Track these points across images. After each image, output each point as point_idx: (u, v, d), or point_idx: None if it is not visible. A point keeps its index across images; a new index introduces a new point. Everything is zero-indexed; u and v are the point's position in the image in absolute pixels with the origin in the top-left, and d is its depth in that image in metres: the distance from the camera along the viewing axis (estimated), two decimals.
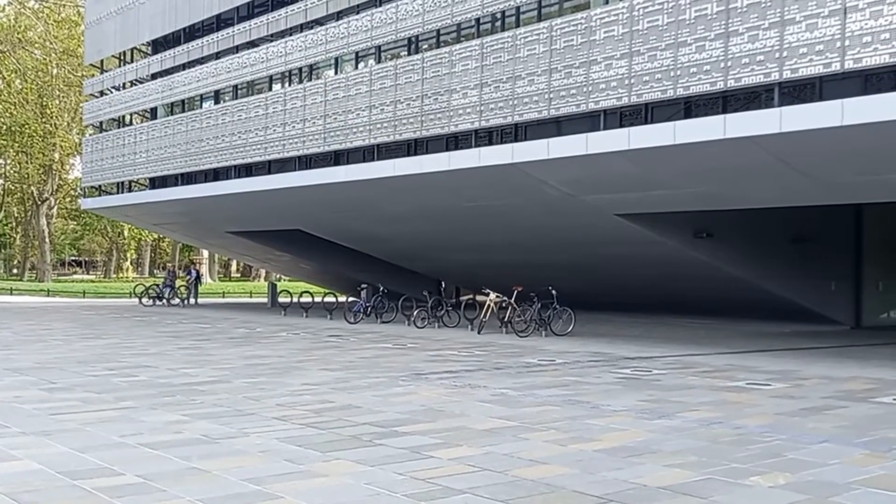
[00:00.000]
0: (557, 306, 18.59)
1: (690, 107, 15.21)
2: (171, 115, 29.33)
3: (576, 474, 5.93)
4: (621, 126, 15.97)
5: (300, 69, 24.08)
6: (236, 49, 26.37)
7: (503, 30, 18.24)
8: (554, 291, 18.48)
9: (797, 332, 19.83)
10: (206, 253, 62.09)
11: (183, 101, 28.84)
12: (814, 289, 21.19)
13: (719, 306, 22.74)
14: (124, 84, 32.39)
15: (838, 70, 12.47)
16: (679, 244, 19.66)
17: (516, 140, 17.99)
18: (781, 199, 16.58)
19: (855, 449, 6.88)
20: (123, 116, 32.44)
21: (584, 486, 5.60)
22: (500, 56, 17.86)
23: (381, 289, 23.10)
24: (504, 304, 19.29)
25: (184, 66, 28.73)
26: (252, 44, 25.75)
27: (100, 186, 33.90)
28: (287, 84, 24.60)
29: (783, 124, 12.98)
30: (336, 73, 22.89)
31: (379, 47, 21.58)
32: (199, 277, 33.69)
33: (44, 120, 57.47)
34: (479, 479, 5.74)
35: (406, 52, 20.84)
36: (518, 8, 17.97)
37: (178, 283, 32.87)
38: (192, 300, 31.76)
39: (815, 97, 13.13)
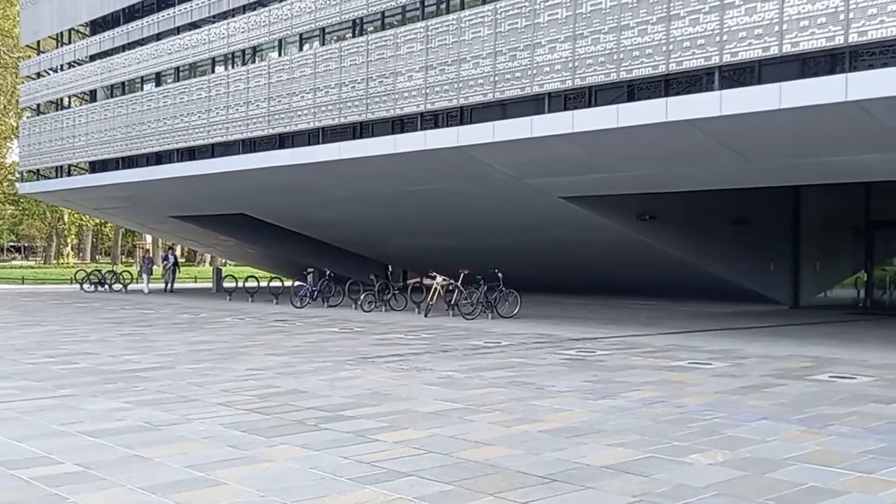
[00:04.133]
0: (504, 289, 18.72)
1: (634, 90, 15.35)
2: (111, 97, 28.74)
3: (520, 455, 5.99)
4: (566, 109, 16.04)
5: (243, 51, 23.75)
6: (177, 30, 25.90)
7: (448, 12, 18.20)
8: (500, 274, 18.59)
9: (738, 312, 20.22)
10: (149, 238, 61.16)
11: (123, 83, 28.28)
12: (753, 270, 21.60)
13: (663, 287, 23.07)
14: (62, 66, 31.63)
15: (776, 54, 12.68)
16: (623, 226, 19.87)
17: (462, 123, 17.98)
18: (722, 181, 16.85)
19: (792, 426, 7.05)
20: (62, 99, 31.71)
21: (528, 467, 5.65)
22: (446, 39, 17.82)
23: (328, 273, 22.99)
24: (451, 288, 19.35)
25: (123, 48, 28.15)
26: (193, 25, 25.32)
27: (38, 170, 33.12)
28: (230, 66, 24.25)
29: (723, 107, 13.17)
30: (280, 55, 22.63)
31: (323, 29, 21.36)
32: (176, 264, 32.96)
33: None
34: (424, 462, 5.77)
35: (351, 35, 20.67)
36: None
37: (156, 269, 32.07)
38: (169, 287, 30.93)
39: (754, 81, 13.33)
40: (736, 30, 13.07)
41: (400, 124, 19.50)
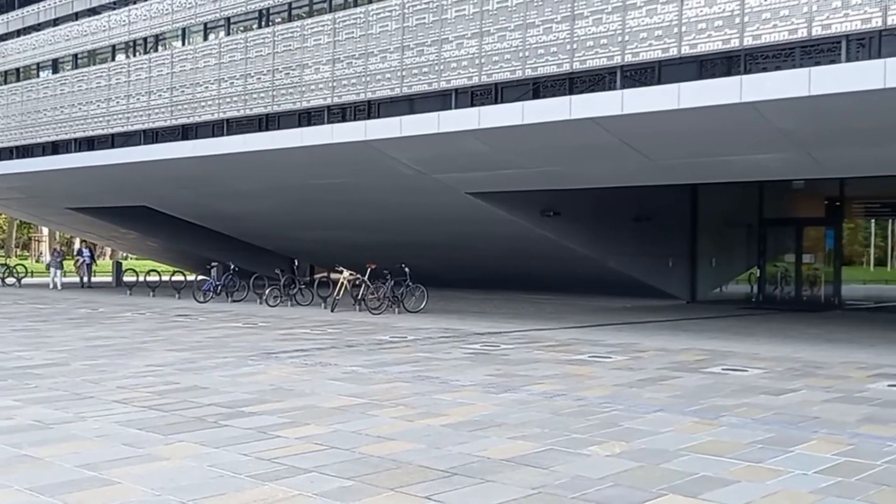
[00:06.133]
0: (410, 283, 18.74)
1: (539, 88, 15.56)
2: (5, 84, 27.65)
3: (422, 449, 6.01)
4: (472, 105, 16.16)
5: (145, 39, 23.16)
6: (76, 16, 25.10)
7: (356, 6, 18.10)
8: (407, 269, 18.61)
9: (638, 306, 20.71)
10: (45, 230, 59.08)
11: (18, 69, 27.24)
12: (653, 265, 22.18)
13: (567, 283, 23.46)
14: None
15: (675, 55, 13.04)
16: (528, 222, 20.13)
17: (369, 117, 17.93)
18: (624, 178, 17.24)
19: (686, 417, 7.26)
20: None
21: (429, 461, 5.68)
22: (353, 32, 17.73)
23: (233, 267, 22.62)
24: (357, 282, 19.27)
25: (18, 33, 27.11)
26: (93, 11, 24.57)
27: None
28: (131, 55, 23.62)
29: (625, 106, 13.47)
30: (183, 44, 22.15)
31: (228, 19, 21.01)
32: (93, 257, 31.77)
33: None
34: (325, 458, 5.74)
35: (257, 25, 20.38)
36: None
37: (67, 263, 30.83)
38: (86, 281, 29.72)
39: (654, 81, 13.68)
40: (637, 31, 13.38)
41: (307, 117, 19.33)
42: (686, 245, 23.29)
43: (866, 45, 11.91)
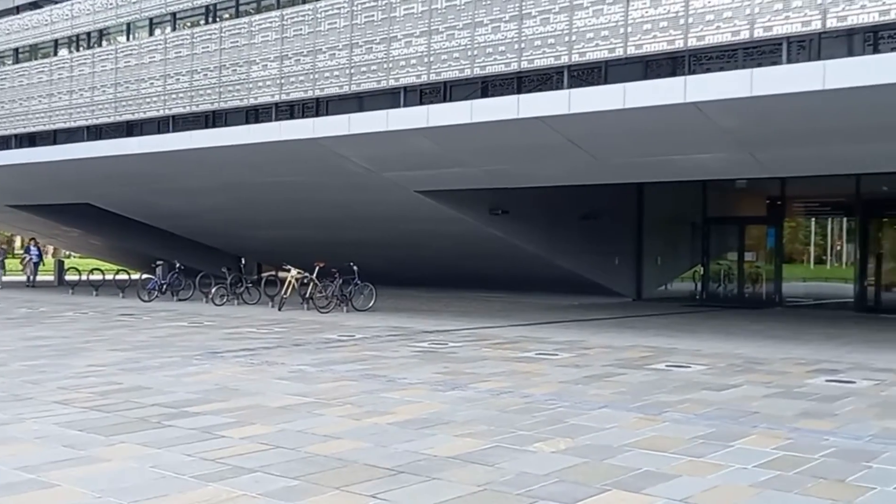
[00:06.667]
0: (359, 282, 18.68)
1: (487, 86, 15.61)
2: None
3: (369, 448, 6.00)
4: (421, 104, 16.17)
5: (88, 34, 22.75)
6: (17, 10, 24.56)
7: (304, 2, 17.98)
8: (355, 267, 18.56)
9: (585, 304, 20.90)
10: None
11: None
12: (600, 263, 22.40)
13: (516, 281, 23.59)
14: None
15: (621, 55, 13.18)
16: (477, 221, 20.20)
17: (318, 115, 17.84)
18: (570, 177, 17.37)
19: (630, 413, 7.35)
20: None
21: (376, 460, 5.68)
22: (301, 29, 17.62)
23: (178, 265, 22.33)
24: (305, 281, 19.16)
25: None
26: (34, 5, 24.07)
27: None
28: (74, 49, 23.18)
29: (571, 106, 13.57)
30: (128, 39, 21.81)
31: (174, 14, 20.74)
32: (41, 256, 30.95)
33: None
34: (271, 457, 5.70)
35: (204, 21, 20.15)
36: None
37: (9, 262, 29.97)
38: (32, 279, 28.94)
39: (600, 81, 13.82)
40: (584, 31, 13.50)
41: (254, 114, 19.17)
42: (632, 243, 23.57)
43: (807, 47, 12.17)
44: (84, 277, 24.36)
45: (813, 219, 24.55)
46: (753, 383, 9.06)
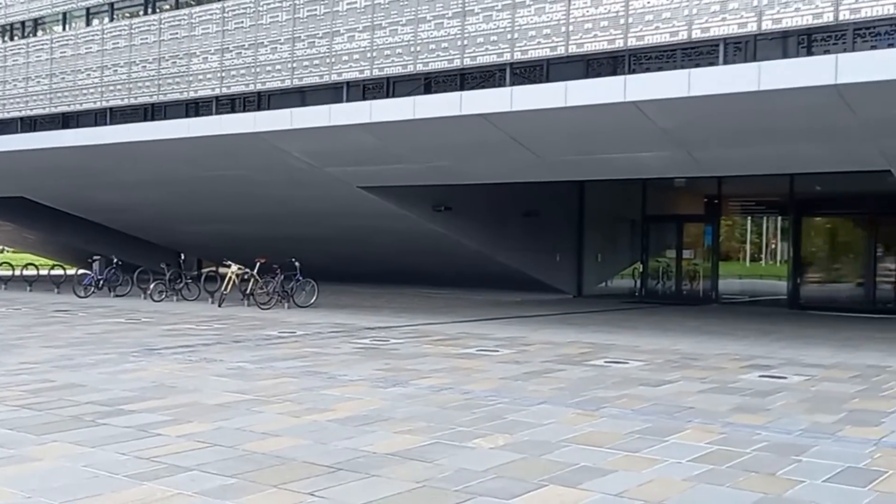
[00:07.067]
0: (301, 278, 18.56)
1: (431, 83, 15.61)
2: None
3: (308, 445, 5.98)
4: (364, 99, 16.11)
5: (23, 23, 22.19)
6: None
7: None
8: (297, 263, 18.43)
9: (526, 300, 21.06)
10: None
11: None
12: (542, 260, 22.59)
13: (458, 277, 23.65)
14: None
15: (563, 54, 13.29)
16: (419, 217, 20.20)
17: (259, 109, 17.66)
18: (513, 175, 17.47)
19: (568, 409, 7.43)
20: None
21: (314, 457, 5.66)
22: (243, 21, 17.43)
23: (115, 260, 21.95)
24: (246, 277, 18.97)
25: None
26: None
27: None
28: (8, 39, 22.60)
29: (513, 103, 13.64)
30: (64, 29, 21.33)
31: (112, 4, 20.35)
32: None
33: None
34: (208, 455, 5.65)
35: (142, 12, 19.81)
36: None
37: None
38: None
39: (542, 79, 13.92)
40: (526, 28, 13.58)
41: (195, 107, 18.90)
42: (573, 240, 23.80)
43: (742, 48, 12.41)
44: (18, 273, 23.79)
45: (749, 217, 25.07)
46: (689, 379, 9.22)
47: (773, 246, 24.74)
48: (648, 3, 12.45)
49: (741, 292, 24.03)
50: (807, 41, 12.13)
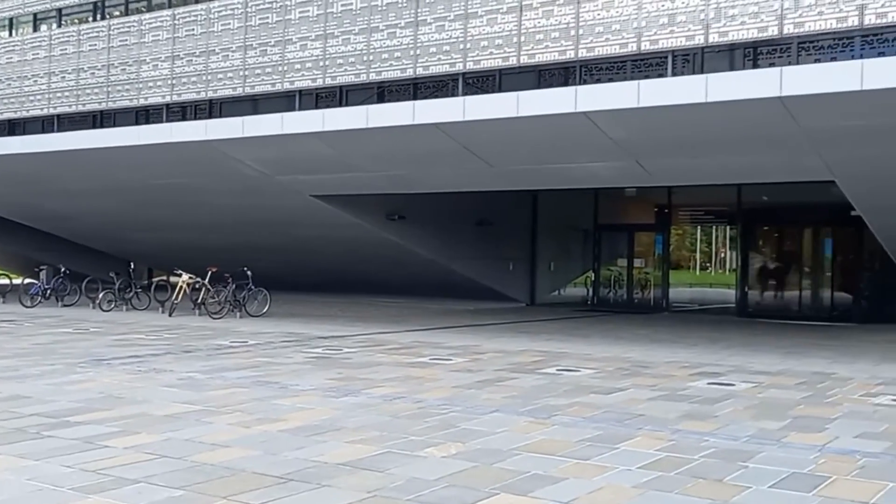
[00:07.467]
0: (253, 287, 18.43)
1: (384, 92, 15.63)
2: None
3: (258, 456, 5.93)
4: (317, 107, 16.07)
5: None
6: None
7: (197, 1, 17.65)
8: (249, 272, 18.30)
9: (480, 309, 21.12)
10: None
11: None
12: (495, 269, 22.68)
13: (412, 286, 23.63)
14: None
15: (515, 64, 13.39)
16: (373, 226, 20.17)
17: (211, 116, 17.52)
18: (466, 184, 17.54)
19: (520, 417, 7.47)
20: None
21: (265, 468, 5.62)
22: (194, 29, 17.29)
23: (63, 270, 21.58)
24: (197, 286, 18.78)
25: None
26: None
27: None
28: None
29: (466, 113, 13.71)
30: (11, 34, 20.97)
31: (60, 10, 20.06)
32: None
33: None
34: (156, 467, 5.58)
35: (91, 18, 19.56)
36: None
37: None
38: None
39: (495, 89, 14.01)
40: (479, 39, 13.66)
41: (145, 115, 18.70)
42: (526, 249, 23.94)
43: (691, 60, 12.61)
44: None
45: (698, 227, 25.45)
46: (640, 386, 9.32)
47: (722, 255, 25.15)
48: (599, 15, 12.60)
49: (691, 300, 24.37)
50: (753, 54, 12.38)
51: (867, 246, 19.01)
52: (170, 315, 18.03)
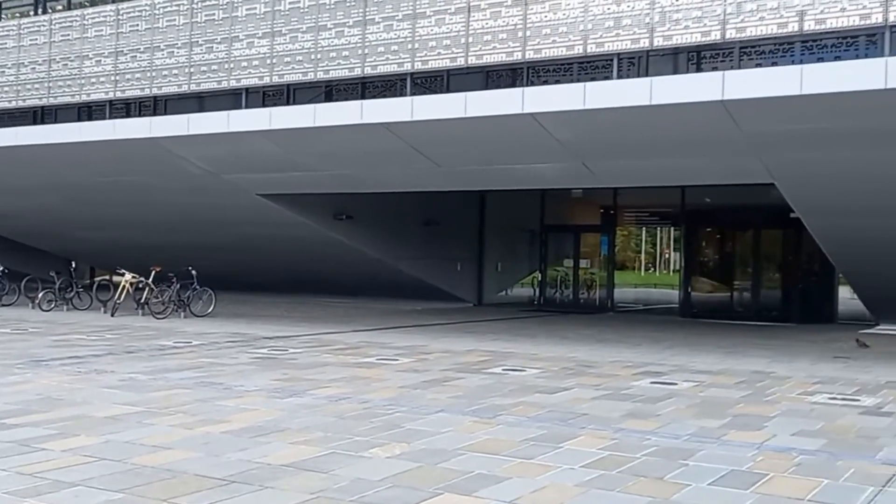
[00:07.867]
0: (198, 287, 18.22)
1: (332, 91, 15.55)
2: None
3: (200, 458, 5.87)
4: (264, 106, 15.92)
5: None
6: None
7: None
8: (194, 272, 18.09)
9: (427, 309, 21.13)
10: None
11: None
12: (443, 269, 22.71)
13: (360, 285, 23.56)
14: None
15: (463, 65, 13.42)
16: (320, 225, 20.06)
17: (155, 113, 17.27)
18: (414, 184, 17.53)
19: (465, 417, 7.50)
20: None
21: (207, 470, 5.56)
22: (138, 25, 17.01)
23: (1, 268, 21.09)
24: (141, 285, 18.50)
25: None
26: None
27: None
28: None
29: (414, 113, 13.70)
30: None
31: (0, 4, 19.59)
32: None
33: None
34: (94, 470, 5.48)
35: (32, 12, 19.14)
36: None
37: None
38: None
39: (443, 89, 14.02)
40: (427, 39, 13.66)
41: (87, 111, 18.35)
42: (474, 249, 24.02)
43: (636, 63, 12.76)
44: None
45: (643, 228, 25.76)
46: (584, 386, 9.41)
47: (667, 256, 25.49)
48: (546, 17, 12.68)
49: (636, 301, 24.66)
50: (696, 58, 12.56)
51: (806, 248, 19.42)
52: (112, 315, 17.74)
